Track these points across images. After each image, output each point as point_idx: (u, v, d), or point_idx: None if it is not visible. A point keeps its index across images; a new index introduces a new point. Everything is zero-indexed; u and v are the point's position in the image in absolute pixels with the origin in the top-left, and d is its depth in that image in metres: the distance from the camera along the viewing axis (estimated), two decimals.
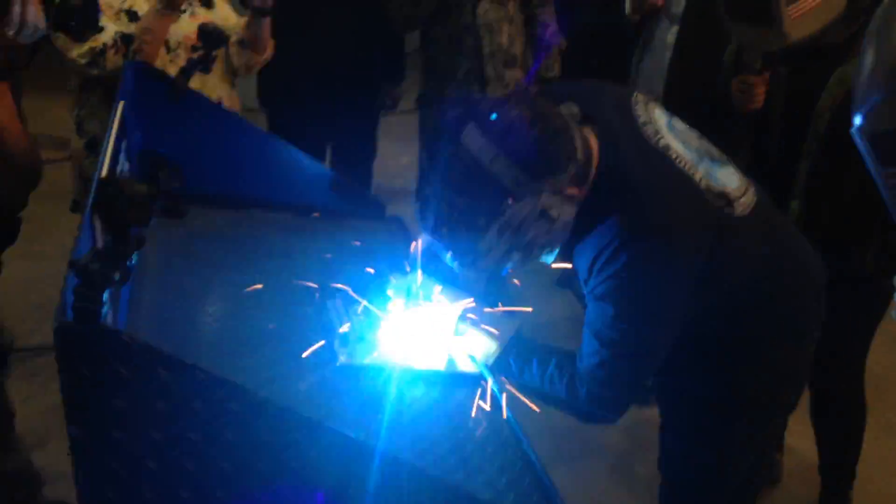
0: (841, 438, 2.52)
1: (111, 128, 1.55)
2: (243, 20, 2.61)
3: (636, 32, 2.88)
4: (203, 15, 2.53)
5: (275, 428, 1.04)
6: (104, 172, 1.35)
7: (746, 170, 1.74)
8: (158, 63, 2.35)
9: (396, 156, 4.37)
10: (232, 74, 2.67)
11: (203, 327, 1.64)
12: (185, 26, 2.48)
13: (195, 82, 2.25)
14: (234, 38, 2.59)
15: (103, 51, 2.32)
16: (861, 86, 0.98)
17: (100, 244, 1.00)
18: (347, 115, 3.30)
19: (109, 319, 1.22)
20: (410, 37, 3.45)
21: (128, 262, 0.97)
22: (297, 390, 1.43)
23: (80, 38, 1.62)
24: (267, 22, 2.54)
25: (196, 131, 2.03)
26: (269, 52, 2.67)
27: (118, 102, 1.70)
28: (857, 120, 0.99)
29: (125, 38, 2.34)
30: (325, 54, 3.15)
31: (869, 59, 0.98)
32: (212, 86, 2.54)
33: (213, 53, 2.11)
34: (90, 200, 1.08)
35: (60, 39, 2.33)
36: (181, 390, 0.98)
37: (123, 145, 1.71)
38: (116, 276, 0.94)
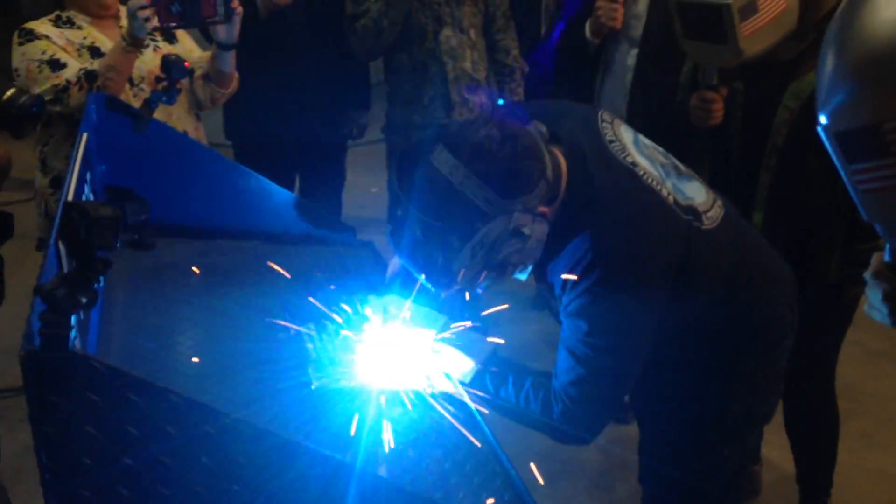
0: (815, 447, 2.54)
1: (74, 159, 1.54)
2: (207, 54, 2.61)
3: (597, 55, 2.92)
4: (166, 49, 2.53)
5: (251, 450, 1.03)
6: (69, 198, 1.33)
7: (709, 184, 1.76)
8: (122, 98, 2.33)
9: (366, 186, 4.37)
10: (197, 108, 2.66)
11: (176, 356, 1.62)
12: (149, 61, 2.48)
13: (160, 115, 2.24)
14: (198, 73, 2.59)
15: (67, 87, 2.31)
16: (824, 86, 1.00)
17: (65, 269, 0.98)
18: (314, 145, 3.31)
19: (78, 345, 1.20)
20: (376, 67, 3.48)
21: (94, 286, 0.95)
22: (274, 413, 1.41)
23: (20, 135, 1.63)
24: (231, 55, 2.54)
25: (162, 163, 2.02)
26: (233, 86, 2.67)
27: (81, 135, 1.69)
28: (823, 119, 1.01)
29: (89, 75, 2.32)
30: (290, 85, 3.16)
31: (830, 60, 1.00)
32: (176, 119, 2.54)
33: (178, 85, 2.11)
34: (55, 226, 1.07)
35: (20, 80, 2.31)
36: (153, 415, 0.97)
37: (88, 177, 1.70)
38: (83, 300, 0.93)
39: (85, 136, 1.69)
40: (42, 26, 2.44)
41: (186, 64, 2.08)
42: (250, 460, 1.02)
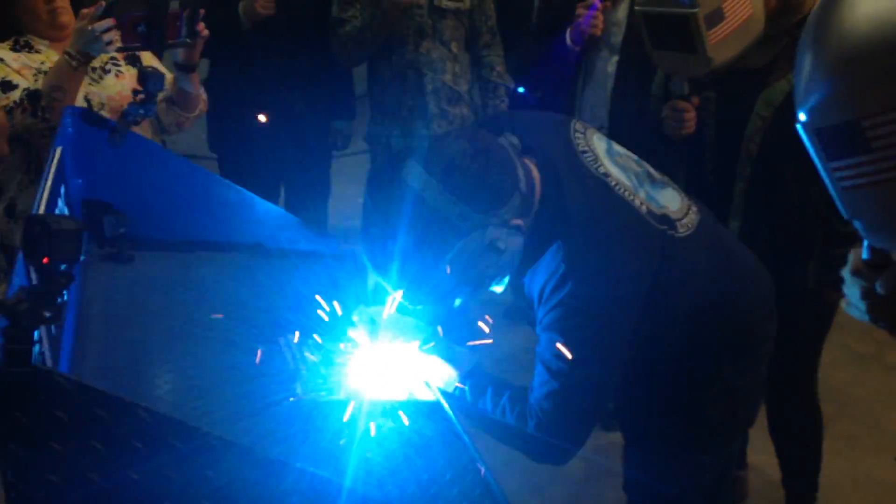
0: (800, 451, 2.54)
1: (48, 171, 1.53)
2: (172, 76, 2.48)
3: (577, 63, 2.93)
4: (128, 74, 2.45)
5: (223, 466, 1.02)
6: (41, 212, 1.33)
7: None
8: None
9: (352, 196, 4.38)
10: (161, 133, 2.56)
11: (155, 371, 1.60)
12: (110, 87, 2.40)
13: None
14: (161, 96, 2.50)
15: (12, 110, 2.23)
16: (803, 82, 1.00)
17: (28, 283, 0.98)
18: (299, 156, 3.31)
19: (48, 361, 1.20)
20: (362, 79, 3.49)
21: (58, 300, 0.94)
22: (257, 429, 1.40)
23: None
24: (193, 77, 2.43)
25: (140, 176, 2.01)
26: (201, 108, 2.56)
27: (55, 148, 1.68)
28: (802, 116, 1.00)
29: (32, 96, 2.24)
30: (273, 95, 3.17)
31: (808, 56, 0.99)
32: None
33: (157, 98, 2.09)
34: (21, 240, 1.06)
35: None
36: (120, 430, 0.96)
37: (62, 191, 1.69)
38: (47, 314, 0.92)
39: (59, 149, 1.69)
40: None
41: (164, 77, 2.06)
42: (221, 476, 1.01)
